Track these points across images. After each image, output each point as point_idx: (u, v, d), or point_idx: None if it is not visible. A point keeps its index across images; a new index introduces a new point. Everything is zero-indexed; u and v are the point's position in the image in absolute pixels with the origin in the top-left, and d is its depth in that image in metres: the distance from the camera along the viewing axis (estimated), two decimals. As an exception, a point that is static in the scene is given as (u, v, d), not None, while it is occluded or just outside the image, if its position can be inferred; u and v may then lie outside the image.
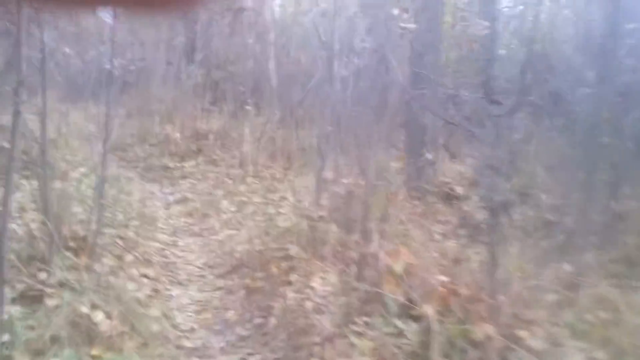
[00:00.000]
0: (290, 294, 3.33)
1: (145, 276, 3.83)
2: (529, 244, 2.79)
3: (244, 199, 5.74)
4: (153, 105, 8.71)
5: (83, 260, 3.31)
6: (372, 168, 3.43)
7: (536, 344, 2.33)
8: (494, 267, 2.42)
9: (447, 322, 2.31)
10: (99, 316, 2.59)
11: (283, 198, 5.57)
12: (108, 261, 3.55)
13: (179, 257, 4.58)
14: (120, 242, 4.09)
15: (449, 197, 5.12)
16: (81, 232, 3.69)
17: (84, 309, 2.59)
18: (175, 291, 3.83)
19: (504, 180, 2.79)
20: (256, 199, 5.65)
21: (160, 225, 5.32)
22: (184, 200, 6.16)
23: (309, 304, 3.03)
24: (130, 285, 3.37)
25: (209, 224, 5.30)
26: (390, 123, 4.78)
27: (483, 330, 2.18)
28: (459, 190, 5.54)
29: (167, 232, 5.15)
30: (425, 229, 3.80)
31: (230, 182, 6.41)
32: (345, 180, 4.54)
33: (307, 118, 7.55)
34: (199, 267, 4.36)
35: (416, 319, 2.52)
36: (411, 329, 2.42)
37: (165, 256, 4.50)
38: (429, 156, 4.92)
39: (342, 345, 2.51)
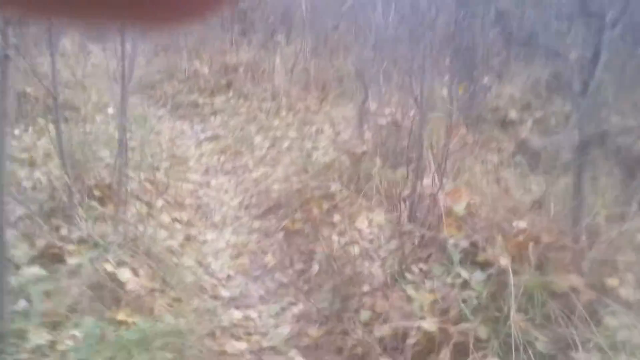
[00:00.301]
0: (334, 237, 3.02)
1: (178, 221, 3.57)
2: (617, 179, 2.36)
3: (278, 133, 5.38)
4: (180, 41, 8.27)
5: (109, 209, 3.05)
6: (424, 95, 2.99)
7: (628, 293, 1.96)
8: (579, 208, 2.03)
9: (521, 271, 1.95)
10: (125, 274, 2.34)
11: (320, 131, 5.19)
12: (137, 208, 3.29)
13: (213, 197, 4.32)
14: (149, 186, 3.83)
15: (504, 124, 4.64)
16: (107, 179, 3.43)
17: (109, 267, 2.33)
18: (209, 235, 3.57)
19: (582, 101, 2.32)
20: (291, 133, 5.28)
21: (191, 164, 5.05)
22: (215, 138, 5.85)
23: (355, 249, 2.71)
24: (161, 234, 3.12)
25: (242, 161, 5.00)
26: (438, 46, 4.26)
27: (567, 280, 1.83)
28: (513, 114, 5.04)
29: (199, 172, 4.88)
30: (483, 160, 3.38)
31: (263, 116, 6.04)
32: (389, 110, 4.12)
33: (342, 45, 7.01)
34: (233, 208, 4.09)
35: (483, 266, 2.17)
36: (478, 278, 2.08)
37: (198, 197, 4.25)
38: (485, 80, 4.41)
39: (396, 296, 2.19)
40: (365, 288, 2.37)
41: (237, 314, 2.60)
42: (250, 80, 7.37)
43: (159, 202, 3.68)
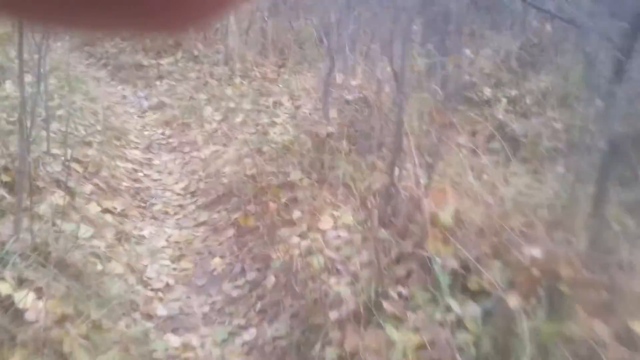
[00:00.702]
0: (294, 239, 2.56)
1: (109, 212, 3.02)
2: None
3: (232, 104, 4.81)
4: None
5: (18, 201, 2.47)
6: (404, 69, 2.50)
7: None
8: (600, 228, 1.63)
9: (530, 312, 1.55)
10: (27, 299, 1.81)
11: (278, 104, 4.66)
12: (55, 197, 2.72)
13: (154, 180, 3.76)
14: (77, 167, 3.25)
15: (479, 104, 4.22)
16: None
17: (4, 289, 1.80)
18: (147, 229, 3.04)
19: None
20: (245, 104, 4.73)
21: (132, 138, 4.44)
22: (161, 107, 5.23)
23: (319, 259, 2.26)
24: (85, 231, 2.57)
25: (190, 136, 4.43)
26: (409, 12, 3.76)
27: (590, 327, 1.44)
28: (488, 92, 4.63)
29: (140, 148, 4.29)
30: (462, 147, 2.95)
31: (214, 83, 5.43)
32: (357, 83, 3.62)
33: (304, 4, 6.41)
34: (178, 194, 3.56)
35: (475, 295, 1.76)
36: (472, 313, 1.67)
37: (136, 180, 3.68)
38: (467, 51, 3.96)
39: (372, 333, 1.76)
40: (332, 316, 1.93)
41: (173, 341, 2.13)
42: (202, 40, 6.70)
43: (87, 188, 3.11)
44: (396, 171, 2.52)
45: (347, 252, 2.29)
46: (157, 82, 5.87)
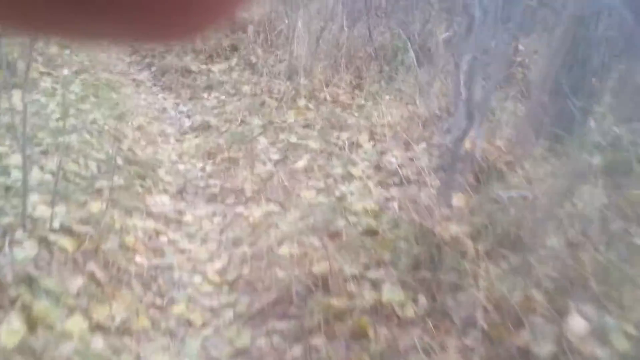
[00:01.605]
0: None
1: (101, 328, 1.95)
2: None
3: (293, 138, 3.70)
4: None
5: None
6: None
7: None
8: None
9: None
10: None
11: (355, 145, 3.51)
12: (10, 321, 1.66)
13: (181, 251, 2.68)
14: (67, 242, 2.19)
15: None
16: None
17: None
18: None
19: None
20: (312, 141, 3.60)
21: (162, 175, 3.39)
22: (204, 128, 4.17)
23: None
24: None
25: (237, 180, 3.34)
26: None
27: None
28: None
29: (171, 191, 3.23)
30: None
31: (273, 103, 4.33)
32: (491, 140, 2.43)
33: (391, 9, 5.26)
34: (210, 282, 2.46)
35: None
36: None
37: (156, 252, 2.60)
38: None
39: None
40: None
41: None
42: (262, 45, 5.62)
43: (75, 283, 2.05)
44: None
45: None
46: (205, 95, 4.82)
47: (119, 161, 3.17)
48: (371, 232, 2.40)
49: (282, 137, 3.73)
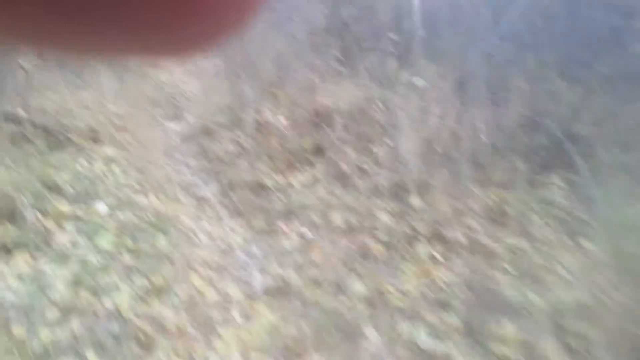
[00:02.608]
0: None
1: None
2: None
3: (423, 337, 2.29)
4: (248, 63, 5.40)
5: None
6: None
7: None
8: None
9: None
10: None
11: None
12: None
13: None
14: None
15: None
16: None
17: None
18: None
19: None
20: (455, 349, 2.17)
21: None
22: (283, 292, 2.89)
23: None
24: None
25: None
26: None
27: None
28: None
29: None
30: None
31: (379, 250, 2.97)
32: None
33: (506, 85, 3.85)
34: None
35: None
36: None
37: None
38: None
39: None
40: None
41: None
42: (355, 141, 4.36)
43: None
44: None
45: None
46: (283, 226, 3.57)
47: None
48: None
49: (403, 329, 2.33)
